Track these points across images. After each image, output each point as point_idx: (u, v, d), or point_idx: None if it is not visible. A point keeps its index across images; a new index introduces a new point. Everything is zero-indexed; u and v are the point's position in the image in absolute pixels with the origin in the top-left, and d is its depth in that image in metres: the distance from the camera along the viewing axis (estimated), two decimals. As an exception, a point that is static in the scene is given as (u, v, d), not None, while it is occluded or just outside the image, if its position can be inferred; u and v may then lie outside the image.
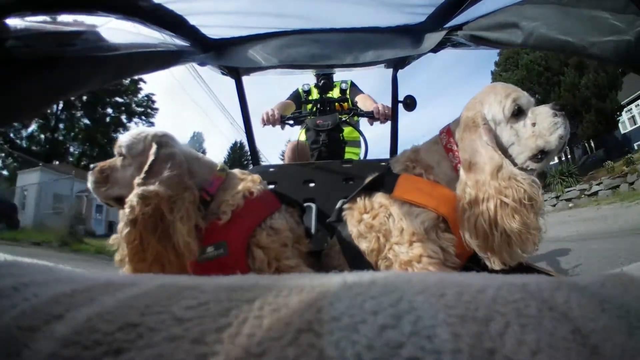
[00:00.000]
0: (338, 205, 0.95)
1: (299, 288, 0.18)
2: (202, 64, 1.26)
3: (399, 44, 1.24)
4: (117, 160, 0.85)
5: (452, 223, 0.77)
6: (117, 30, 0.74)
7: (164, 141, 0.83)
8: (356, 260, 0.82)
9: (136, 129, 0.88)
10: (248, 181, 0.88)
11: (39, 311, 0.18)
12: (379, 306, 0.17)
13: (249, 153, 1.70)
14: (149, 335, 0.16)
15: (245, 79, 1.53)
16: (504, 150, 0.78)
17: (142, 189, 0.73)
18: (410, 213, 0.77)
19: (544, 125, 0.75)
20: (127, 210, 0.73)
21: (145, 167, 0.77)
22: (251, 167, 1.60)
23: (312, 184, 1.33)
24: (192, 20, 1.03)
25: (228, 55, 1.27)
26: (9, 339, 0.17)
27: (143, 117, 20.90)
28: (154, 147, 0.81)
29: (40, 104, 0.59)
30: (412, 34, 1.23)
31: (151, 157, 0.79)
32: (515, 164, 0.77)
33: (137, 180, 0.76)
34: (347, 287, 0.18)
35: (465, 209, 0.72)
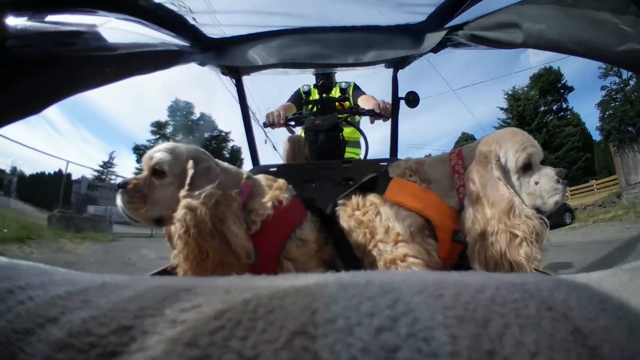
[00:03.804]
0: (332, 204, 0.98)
1: (295, 289, 0.18)
2: (202, 63, 1.26)
3: (399, 43, 1.24)
4: (151, 178, 0.81)
5: (437, 225, 0.81)
6: (117, 30, 0.74)
7: (199, 156, 0.84)
8: (346, 253, 0.86)
9: (164, 145, 0.85)
10: (275, 189, 0.88)
11: (34, 314, 0.18)
12: (375, 308, 0.16)
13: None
14: (142, 338, 0.16)
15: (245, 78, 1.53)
16: None
17: (188, 201, 0.74)
18: (398, 215, 0.81)
19: (546, 188, 0.78)
20: (177, 225, 0.73)
21: (188, 181, 0.78)
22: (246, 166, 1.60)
23: (312, 184, 1.33)
24: (192, 20, 1.03)
25: (228, 54, 1.27)
26: (4, 342, 0.17)
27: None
28: (191, 162, 0.81)
29: (40, 103, 0.59)
30: (412, 33, 1.23)
31: (190, 172, 0.79)
32: None
33: (183, 192, 0.76)
34: (343, 288, 0.18)
35: (476, 241, 0.76)
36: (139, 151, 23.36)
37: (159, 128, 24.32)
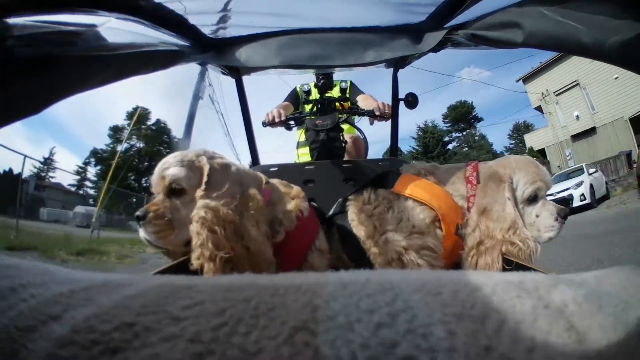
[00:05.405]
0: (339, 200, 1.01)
1: (296, 287, 0.18)
2: (202, 63, 1.26)
3: (399, 43, 1.24)
4: (171, 200, 0.74)
5: (442, 216, 0.86)
6: (117, 30, 0.74)
7: (210, 154, 0.78)
8: (352, 247, 0.89)
9: (171, 159, 0.76)
10: (295, 197, 0.86)
11: (36, 312, 0.18)
12: (374, 305, 0.17)
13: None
14: (145, 335, 0.16)
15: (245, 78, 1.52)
16: None
17: (207, 202, 0.68)
18: (413, 208, 0.85)
19: (544, 223, 0.86)
20: (197, 225, 0.66)
21: (205, 179, 0.71)
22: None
23: (312, 184, 1.33)
24: (192, 20, 1.03)
25: (228, 54, 1.26)
26: (7, 339, 0.17)
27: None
28: (204, 159, 0.74)
29: (40, 103, 0.59)
30: (412, 33, 1.23)
31: (206, 168, 0.72)
32: None
33: (199, 192, 0.70)
34: (343, 286, 0.18)
35: (471, 248, 0.83)
36: (97, 155, 25.63)
37: (115, 132, 25.71)
